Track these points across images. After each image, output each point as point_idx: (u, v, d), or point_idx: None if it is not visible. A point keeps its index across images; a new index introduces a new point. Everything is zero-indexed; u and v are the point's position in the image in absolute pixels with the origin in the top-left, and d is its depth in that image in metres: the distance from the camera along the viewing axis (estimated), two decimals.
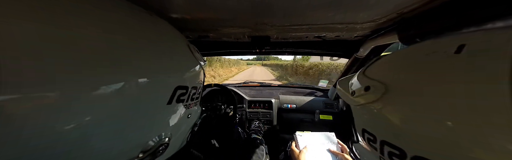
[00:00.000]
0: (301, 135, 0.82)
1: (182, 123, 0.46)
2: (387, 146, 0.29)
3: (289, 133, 1.37)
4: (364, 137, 0.36)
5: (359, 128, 0.38)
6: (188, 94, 0.43)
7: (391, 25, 0.58)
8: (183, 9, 0.47)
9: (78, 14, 0.23)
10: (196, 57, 0.48)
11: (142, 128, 0.32)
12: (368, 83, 0.33)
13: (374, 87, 0.31)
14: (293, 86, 1.81)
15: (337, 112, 1.28)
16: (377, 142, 0.31)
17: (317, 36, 0.76)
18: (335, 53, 1.05)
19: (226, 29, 0.65)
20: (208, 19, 0.54)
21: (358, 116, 0.39)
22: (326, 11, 0.46)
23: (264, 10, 0.46)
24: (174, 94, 0.37)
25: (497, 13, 0.29)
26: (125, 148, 0.31)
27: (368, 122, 0.35)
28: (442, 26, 0.38)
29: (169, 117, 0.39)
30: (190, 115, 0.50)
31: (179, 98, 0.39)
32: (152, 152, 0.36)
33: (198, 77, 0.50)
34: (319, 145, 0.78)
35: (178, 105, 0.40)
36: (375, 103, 0.31)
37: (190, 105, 0.47)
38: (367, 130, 0.34)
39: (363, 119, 0.37)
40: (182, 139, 0.51)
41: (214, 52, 1.06)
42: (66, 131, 0.22)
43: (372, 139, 0.32)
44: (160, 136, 0.37)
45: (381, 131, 0.31)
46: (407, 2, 0.40)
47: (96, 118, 0.24)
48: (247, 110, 1.34)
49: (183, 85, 0.40)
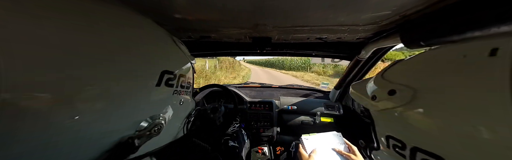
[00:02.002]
0: (307, 139, 0.79)
1: (175, 108, 0.50)
2: (421, 153, 0.27)
3: (290, 135, 1.36)
4: (389, 144, 0.34)
5: (383, 134, 0.36)
6: (177, 81, 0.47)
7: (393, 28, 0.58)
8: (185, 10, 0.47)
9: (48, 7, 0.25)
10: (181, 49, 0.52)
11: (135, 107, 0.36)
12: (392, 87, 0.32)
13: (400, 90, 0.30)
14: (294, 87, 1.80)
15: (338, 114, 1.27)
16: (407, 149, 0.29)
17: (319, 37, 0.76)
18: (336, 55, 1.05)
19: (227, 30, 0.65)
20: (210, 20, 0.54)
21: (381, 122, 0.37)
22: (328, 12, 0.46)
23: (265, 11, 0.46)
24: (161, 77, 0.40)
25: (500, 15, 0.28)
26: (120, 126, 0.34)
27: (394, 128, 0.33)
28: (445, 28, 0.37)
29: (159, 98, 0.42)
30: (182, 102, 0.54)
31: (168, 82, 0.43)
32: (148, 131, 0.39)
33: (185, 67, 0.53)
34: (327, 147, 0.75)
35: (168, 89, 0.44)
36: (402, 107, 0.30)
37: (180, 92, 0.50)
38: (392, 136, 0.33)
39: (388, 124, 0.35)
40: (177, 126, 0.55)
41: (215, 53, 1.06)
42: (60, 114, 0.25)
43: (400, 145, 0.31)
44: (153, 117, 0.40)
45: (412, 137, 0.29)
46: (409, 4, 0.40)
47: (89, 99, 0.27)
48: (248, 111, 1.33)
49: (169, 70, 0.43)
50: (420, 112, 0.28)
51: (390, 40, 0.60)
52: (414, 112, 0.28)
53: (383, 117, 0.36)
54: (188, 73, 0.56)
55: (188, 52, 0.57)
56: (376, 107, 0.36)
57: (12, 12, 0.21)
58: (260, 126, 1.27)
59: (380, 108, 0.35)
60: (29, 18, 0.22)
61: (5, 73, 0.19)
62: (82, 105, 0.27)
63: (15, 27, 0.21)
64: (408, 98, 0.28)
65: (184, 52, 0.54)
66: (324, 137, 0.80)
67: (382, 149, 0.38)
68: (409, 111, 0.29)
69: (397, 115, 0.31)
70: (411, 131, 0.29)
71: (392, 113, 0.32)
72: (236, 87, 1.67)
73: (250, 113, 1.30)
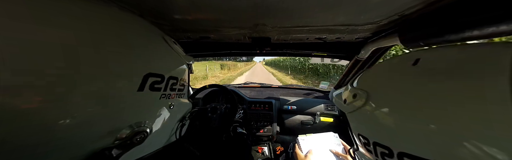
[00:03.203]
0: (304, 139, 0.80)
1: (164, 113, 0.46)
2: (379, 147, 0.31)
3: (289, 135, 1.36)
4: (361, 142, 0.37)
5: (356, 133, 0.39)
6: (166, 83, 0.43)
7: (392, 27, 0.58)
8: (184, 10, 0.47)
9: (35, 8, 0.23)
10: (173, 49, 0.49)
11: (111, 114, 0.32)
12: (355, 91, 0.37)
13: (359, 94, 0.36)
14: (293, 87, 1.80)
15: (338, 114, 1.27)
16: (371, 144, 0.33)
17: (318, 37, 0.76)
18: (336, 55, 1.05)
19: (226, 30, 0.66)
20: (209, 20, 0.54)
21: (352, 122, 0.42)
22: (327, 12, 0.46)
23: (265, 11, 0.46)
24: (144, 81, 0.37)
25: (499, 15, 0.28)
26: (93, 135, 0.31)
27: (360, 126, 0.38)
28: (444, 28, 0.38)
29: (142, 104, 0.39)
30: (173, 106, 0.49)
31: (153, 86, 0.39)
32: (128, 141, 0.36)
33: (177, 69, 0.49)
34: (323, 147, 0.76)
35: (153, 93, 0.40)
36: (362, 108, 0.35)
37: (170, 95, 0.47)
38: (361, 134, 0.37)
39: (356, 124, 0.39)
40: (169, 131, 0.51)
41: (215, 53, 1.06)
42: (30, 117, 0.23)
43: (366, 142, 0.35)
44: (136, 124, 0.37)
45: (371, 133, 0.34)
46: (408, 4, 0.40)
47: (62, 104, 0.25)
48: (247, 111, 1.33)
49: (155, 73, 0.39)
50: (372, 111, 0.32)
51: (389, 40, 0.60)
52: (369, 111, 0.33)
53: (352, 117, 0.41)
54: (182, 74, 0.52)
55: (183, 53, 0.54)
56: (347, 109, 0.41)
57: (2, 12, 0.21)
58: (260, 126, 1.27)
59: (349, 110, 0.40)
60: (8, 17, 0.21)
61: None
62: (47, 111, 0.24)
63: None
64: (364, 100, 0.34)
65: (178, 52, 0.51)
66: (320, 137, 0.80)
67: (360, 148, 0.42)
68: (367, 110, 0.34)
69: (359, 115, 0.36)
70: (370, 128, 0.34)
71: (357, 114, 0.37)
72: (236, 87, 1.67)
73: (250, 113, 1.30)
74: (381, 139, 0.31)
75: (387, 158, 0.29)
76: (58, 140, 0.26)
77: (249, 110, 1.32)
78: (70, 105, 0.26)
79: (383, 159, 0.30)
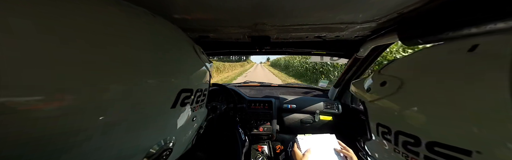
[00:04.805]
0: (303, 139, 0.83)
1: (187, 126, 0.45)
2: (402, 136, 0.30)
3: (289, 133, 1.37)
4: (378, 131, 0.37)
5: (374, 122, 0.39)
6: (193, 97, 0.42)
7: (391, 25, 0.58)
8: (183, 9, 0.47)
9: (79, 14, 0.22)
10: (201, 59, 0.47)
11: (145, 132, 0.31)
12: (384, 79, 0.35)
13: (390, 81, 0.34)
14: (293, 86, 1.80)
15: (337, 112, 1.28)
16: (392, 133, 0.33)
17: (317, 36, 0.76)
18: (335, 53, 1.05)
19: (226, 29, 0.65)
20: (208, 19, 0.54)
21: (373, 111, 0.41)
22: (326, 11, 0.46)
23: (264, 10, 0.46)
24: (178, 97, 0.36)
25: (498, 13, 0.29)
26: (128, 154, 0.30)
27: (383, 115, 0.37)
28: (442, 26, 0.38)
29: (173, 121, 0.38)
30: (195, 117, 0.49)
31: (184, 101, 0.38)
32: (156, 158, 0.35)
33: (204, 80, 0.48)
34: (321, 147, 0.79)
35: (182, 108, 0.39)
36: (390, 96, 0.33)
37: (195, 107, 0.46)
38: (381, 123, 0.36)
39: (378, 113, 0.39)
40: (187, 143, 0.50)
41: (214, 52, 1.06)
42: (67, 134, 0.21)
43: (387, 131, 0.34)
44: (164, 141, 0.36)
45: (396, 122, 0.33)
46: (407, 1, 0.40)
47: (97, 123, 0.23)
48: (247, 110, 1.34)
49: (187, 88, 0.38)
50: (403, 100, 0.31)
51: (388, 37, 0.60)
52: (400, 100, 0.32)
53: (374, 107, 0.40)
54: (206, 85, 0.51)
55: (207, 60, 0.51)
56: (370, 98, 0.39)
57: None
58: (259, 124, 1.27)
59: (373, 98, 0.38)
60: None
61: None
62: (83, 132, 0.22)
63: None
64: (395, 87, 0.32)
65: (203, 61, 0.48)
66: (319, 138, 0.84)
67: (374, 138, 0.42)
68: (395, 99, 0.33)
69: (385, 103, 0.35)
70: (396, 117, 0.33)
71: (381, 102, 0.36)
72: (235, 86, 1.67)
73: (250, 112, 1.31)
74: (407, 128, 0.30)
75: (412, 147, 0.29)
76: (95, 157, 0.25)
77: (249, 109, 1.32)
78: (108, 125, 0.25)
79: (405, 147, 0.30)
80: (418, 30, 0.45)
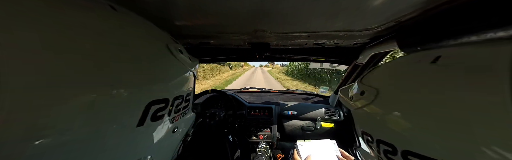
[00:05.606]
0: (302, 145, 0.81)
1: (166, 141, 0.39)
2: (382, 144, 0.31)
3: (290, 141, 1.33)
4: (364, 139, 0.38)
5: (359, 130, 0.40)
6: (171, 107, 0.35)
7: (390, 33, 0.59)
8: (184, 17, 0.48)
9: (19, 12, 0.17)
10: (180, 60, 0.38)
11: (105, 157, 0.25)
12: (363, 88, 0.37)
13: (367, 91, 0.35)
14: (293, 92, 1.79)
15: (339, 119, 1.26)
16: (374, 141, 0.33)
17: (317, 43, 0.77)
18: (334, 60, 1.06)
19: (226, 36, 0.66)
20: (210, 26, 0.55)
21: (357, 119, 0.41)
22: (325, 19, 0.47)
23: (264, 17, 0.47)
24: (146, 112, 0.29)
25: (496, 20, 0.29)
26: None
27: (365, 124, 0.38)
28: (440, 34, 0.38)
29: (143, 140, 0.32)
30: (177, 129, 0.42)
31: (156, 114, 0.31)
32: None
33: (184, 84, 0.41)
34: (321, 153, 0.76)
35: (155, 123, 0.32)
36: (369, 105, 0.34)
37: (175, 118, 0.39)
38: (365, 131, 0.37)
39: (362, 121, 0.39)
40: (171, 155, 0.46)
41: (215, 58, 1.07)
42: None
43: (370, 139, 0.34)
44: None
45: (376, 130, 0.33)
46: (403, 11, 0.41)
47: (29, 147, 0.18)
48: (247, 116, 1.32)
49: (159, 98, 0.31)
50: (379, 108, 0.32)
51: (387, 45, 0.61)
52: (376, 109, 0.33)
53: (358, 115, 0.40)
54: (188, 89, 0.43)
55: (189, 60, 0.43)
56: (353, 106, 0.41)
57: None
58: (260, 132, 1.25)
59: (355, 106, 0.39)
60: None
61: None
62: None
63: None
64: (372, 97, 0.33)
65: (183, 62, 0.40)
66: (319, 144, 0.82)
67: (363, 145, 0.42)
68: (374, 108, 0.33)
69: (365, 112, 0.36)
70: (375, 125, 0.33)
71: (363, 111, 0.37)
72: (235, 92, 1.66)
73: (250, 118, 1.29)
74: (385, 137, 0.31)
75: (390, 155, 0.29)
76: None
77: (248, 116, 1.30)
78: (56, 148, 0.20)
79: (386, 156, 0.30)
80: (417, 38, 0.45)
